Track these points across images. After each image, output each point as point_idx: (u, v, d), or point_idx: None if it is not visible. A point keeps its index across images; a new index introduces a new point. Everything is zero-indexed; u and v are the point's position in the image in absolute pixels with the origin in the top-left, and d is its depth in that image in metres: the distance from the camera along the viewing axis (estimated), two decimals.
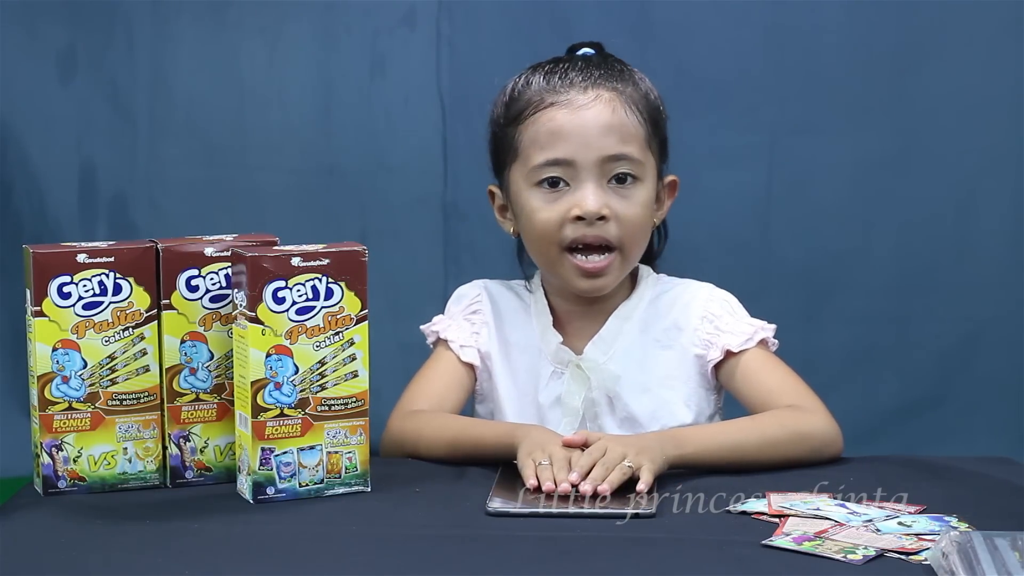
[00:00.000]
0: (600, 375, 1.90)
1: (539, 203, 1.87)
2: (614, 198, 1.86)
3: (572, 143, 1.85)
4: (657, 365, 1.91)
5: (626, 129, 1.86)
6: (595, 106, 1.86)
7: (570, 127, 1.86)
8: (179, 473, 1.70)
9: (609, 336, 1.92)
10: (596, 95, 1.87)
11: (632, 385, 1.90)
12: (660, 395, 1.90)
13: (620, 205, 1.86)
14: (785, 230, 2.82)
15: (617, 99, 1.87)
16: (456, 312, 1.97)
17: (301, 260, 1.62)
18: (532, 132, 1.87)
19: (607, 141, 1.85)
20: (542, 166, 1.87)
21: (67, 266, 1.65)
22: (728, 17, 2.79)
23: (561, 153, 1.86)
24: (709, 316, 1.90)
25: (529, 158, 1.88)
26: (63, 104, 2.82)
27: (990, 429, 2.79)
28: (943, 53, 2.77)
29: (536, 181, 1.87)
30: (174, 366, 1.69)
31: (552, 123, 1.86)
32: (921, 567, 1.41)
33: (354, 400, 1.66)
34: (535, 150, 1.87)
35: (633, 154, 1.86)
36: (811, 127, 2.80)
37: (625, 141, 1.86)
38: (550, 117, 1.87)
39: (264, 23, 2.84)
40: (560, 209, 1.86)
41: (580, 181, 1.85)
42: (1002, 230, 2.80)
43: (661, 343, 1.92)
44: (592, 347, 1.92)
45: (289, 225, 2.44)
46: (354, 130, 2.84)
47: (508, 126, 1.90)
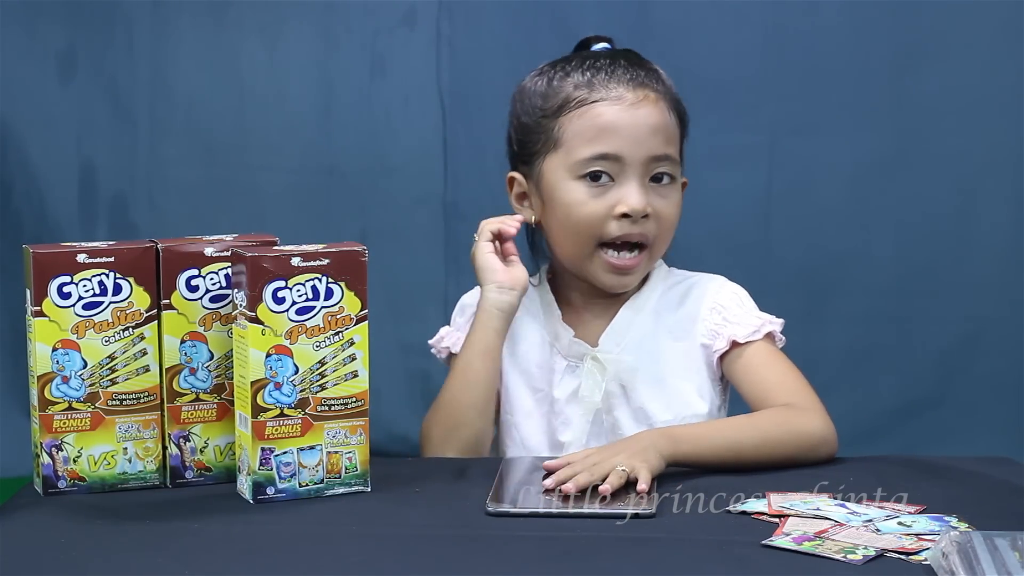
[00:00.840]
0: (617, 366, 1.90)
1: (582, 196, 1.88)
2: (655, 197, 1.88)
3: (622, 139, 1.87)
4: (670, 356, 1.92)
5: (669, 130, 1.90)
6: (645, 106, 1.88)
7: (621, 123, 1.87)
8: (179, 473, 1.70)
9: (622, 327, 1.92)
10: (644, 95, 1.89)
11: (646, 376, 1.91)
12: (674, 385, 1.91)
13: (660, 204, 1.88)
14: (785, 230, 2.82)
15: (662, 100, 1.90)
16: (462, 323, 1.98)
17: (301, 260, 1.62)
18: (578, 125, 1.88)
19: (655, 141, 1.88)
20: (590, 159, 1.88)
21: (67, 266, 1.65)
22: (728, 17, 2.79)
23: (611, 148, 1.87)
24: (718, 307, 1.91)
25: (573, 150, 1.89)
26: (63, 104, 2.83)
27: (990, 429, 2.79)
28: (943, 53, 2.78)
29: (580, 174, 1.88)
30: (174, 366, 1.69)
31: (601, 118, 1.88)
32: (921, 567, 1.41)
33: (354, 400, 1.66)
34: (580, 143, 1.88)
35: (673, 155, 1.90)
36: (811, 127, 2.80)
37: (669, 142, 1.89)
38: (599, 112, 1.88)
39: (264, 23, 2.84)
40: (605, 204, 1.87)
41: (625, 178, 1.87)
42: (1002, 230, 2.80)
43: (673, 334, 1.93)
44: (606, 338, 1.92)
45: (289, 225, 2.45)
46: (354, 130, 2.84)
47: (546, 118, 1.91)
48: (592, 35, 1.98)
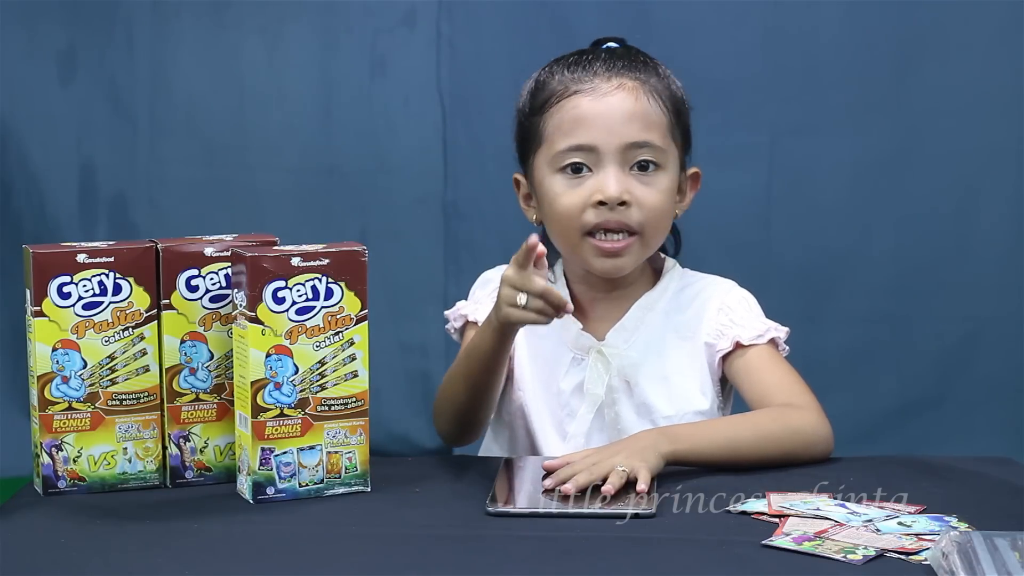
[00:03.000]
0: (621, 361, 1.91)
1: (561, 188, 1.89)
2: (636, 184, 1.88)
3: (595, 129, 1.87)
4: (675, 355, 1.93)
5: (648, 117, 1.89)
6: (618, 93, 1.88)
7: (593, 114, 1.88)
8: (179, 473, 1.70)
9: (631, 324, 1.93)
10: (619, 83, 1.89)
11: (651, 373, 1.91)
12: (678, 383, 1.92)
13: (641, 191, 1.88)
14: (785, 230, 2.82)
15: (640, 87, 1.89)
16: (483, 296, 1.98)
17: (301, 260, 1.62)
18: (557, 119, 1.90)
19: (630, 128, 1.87)
20: (565, 151, 1.88)
21: (67, 266, 1.65)
22: (728, 17, 2.79)
23: (584, 139, 1.87)
24: (725, 308, 1.92)
25: (553, 144, 1.90)
26: (63, 104, 2.82)
27: (990, 429, 2.79)
28: (943, 53, 2.77)
29: (560, 167, 1.89)
30: (174, 366, 1.69)
31: (576, 110, 1.89)
32: (921, 567, 1.41)
33: (354, 400, 1.66)
34: (559, 136, 1.89)
35: (655, 141, 1.89)
36: (811, 127, 2.80)
37: (647, 128, 1.88)
38: (574, 104, 1.89)
39: (264, 23, 2.84)
40: (582, 194, 1.88)
41: (602, 167, 1.87)
42: (1002, 230, 2.80)
43: (680, 334, 1.93)
44: (614, 334, 1.93)
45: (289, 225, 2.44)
46: (354, 130, 2.84)
47: (533, 115, 1.93)
48: (603, 37, 1.98)
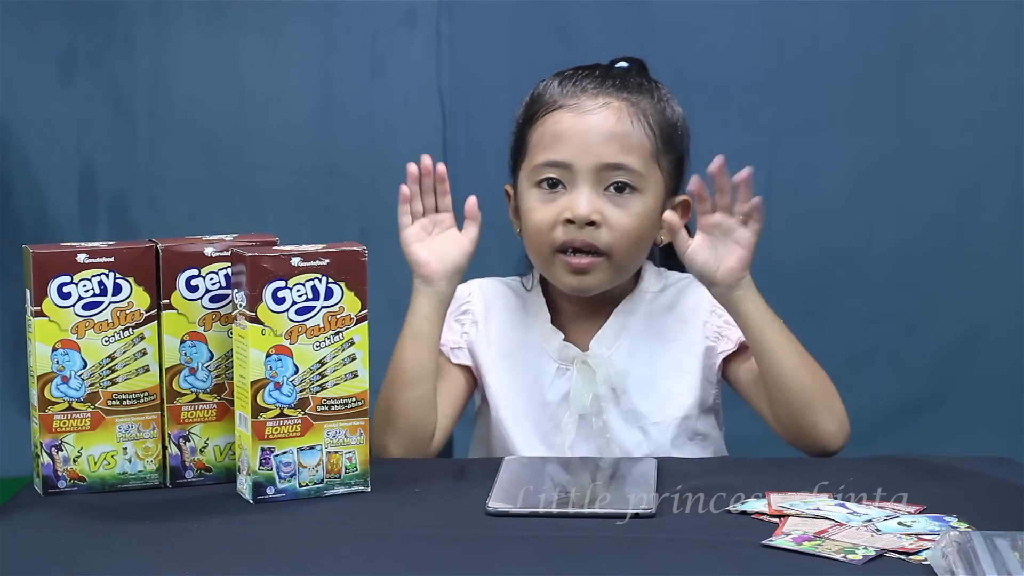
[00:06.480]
0: (607, 370, 1.90)
1: (536, 203, 1.88)
2: (608, 205, 1.86)
3: (572, 146, 1.86)
4: (663, 357, 1.92)
5: (628, 139, 1.86)
6: (601, 112, 1.86)
7: (572, 131, 1.86)
8: (179, 473, 1.70)
9: (613, 332, 1.92)
10: (605, 103, 1.87)
11: (637, 380, 1.91)
12: (665, 387, 1.91)
13: (613, 213, 1.86)
14: (785, 230, 2.82)
15: (625, 108, 1.87)
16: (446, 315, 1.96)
17: (301, 260, 1.62)
18: (539, 132, 1.89)
19: (607, 148, 1.85)
20: (542, 166, 1.87)
21: (67, 266, 1.65)
22: (728, 17, 2.79)
23: (560, 155, 1.86)
24: (719, 310, 1.90)
25: (533, 158, 1.89)
26: (63, 104, 2.83)
27: (990, 429, 2.80)
28: (943, 52, 2.78)
29: (536, 181, 1.88)
30: (174, 366, 1.69)
31: (557, 125, 1.87)
32: (921, 567, 1.41)
33: (354, 400, 1.66)
34: (538, 150, 1.88)
35: (632, 165, 1.86)
36: (811, 127, 2.80)
37: (626, 151, 1.86)
38: (556, 119, 1.87)
39: (264, 23, 2.84)
40: (554, 211, 1.87)
41: (576, 185, 1.86)
42: (1002, 229, 2.80)
43: (666, 336, 1.92)
44: (596, 343, 1.92)
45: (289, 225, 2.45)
46: (354, 130, 2.84)
47: (524, 126, 1.92)
48: (621, 56, 1.96)
